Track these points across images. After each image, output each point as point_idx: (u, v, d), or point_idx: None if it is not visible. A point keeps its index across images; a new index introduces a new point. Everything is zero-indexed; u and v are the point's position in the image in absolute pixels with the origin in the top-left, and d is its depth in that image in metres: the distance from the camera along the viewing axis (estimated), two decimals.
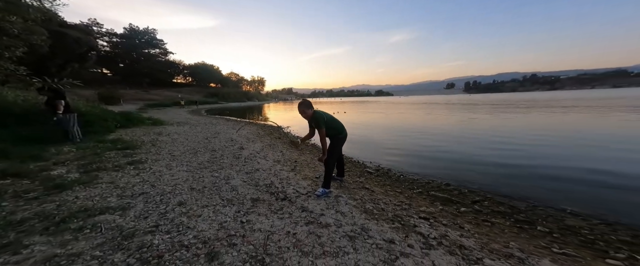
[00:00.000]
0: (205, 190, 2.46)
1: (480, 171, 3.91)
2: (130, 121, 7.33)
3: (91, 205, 1.99)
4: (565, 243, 1.91)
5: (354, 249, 1.51)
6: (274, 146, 5.32)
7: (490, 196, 2.91)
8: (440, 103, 31.93)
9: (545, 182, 3.36)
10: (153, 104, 23.67)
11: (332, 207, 2.13)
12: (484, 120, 11.11)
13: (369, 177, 3.59)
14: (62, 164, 3.05)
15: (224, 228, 1.71)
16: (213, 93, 46.93)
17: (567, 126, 8.38)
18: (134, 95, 28.09)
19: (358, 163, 4.49)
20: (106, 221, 1.73)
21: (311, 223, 1.83)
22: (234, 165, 3.45)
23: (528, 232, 2.10)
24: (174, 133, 6.48)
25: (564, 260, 1.64)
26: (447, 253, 1.54)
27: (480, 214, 2.43)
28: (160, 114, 14.11)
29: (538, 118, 11.19)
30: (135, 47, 44.80)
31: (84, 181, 2.50)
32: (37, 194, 2.14)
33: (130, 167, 3.14)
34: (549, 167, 4.01)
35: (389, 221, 1.97)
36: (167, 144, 4.89)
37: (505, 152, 5.17)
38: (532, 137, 6.69)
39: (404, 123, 11.33)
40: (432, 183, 3.43)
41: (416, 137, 7.32)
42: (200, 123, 9.31)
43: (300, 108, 2.39)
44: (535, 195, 2.89)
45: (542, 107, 17.92)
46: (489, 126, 9.20)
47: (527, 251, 1.69)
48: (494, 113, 14.53)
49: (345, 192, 2.56)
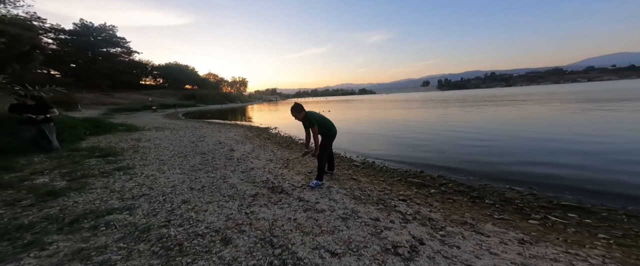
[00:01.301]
0: (205, 189, 2.66)
1: (448, 159, 4.69)
2: (100, 128, 6.92)
3: (95, 207, 2.10)
4: (503, 211, 2.47)
5: (347, 227, 1.85)
6: (265, 146, 5.54)
7: (453, 178, 3.59)
8: (418, 100, 34.85)
9: (495, 164, 4.22)
10: (119, 109, 21.83)
11: (326, 196, 2.49)
12: (455, 115, 12.53)
13: (356, 169, 4.04)
14: (42, 174, 2.97)
15: (231, 219, 1.95)
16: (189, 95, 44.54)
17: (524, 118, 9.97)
18: (93, 100, 25.50)
19: (346, 158, 4.94)
20: (118, 220, 1.89)
21: (309, 210, 2.15)
22: (228, 166, 3.64)
23: (479, 205, 2.64)
24: (155, 138, 6.31)
25: (500, 223, 2.16)
26: (420, 225, 1.95)
27: (445, 194, 2.99)
28: (132, 119, 13.21)
29: (500, 111, 12.99)
30: (91, 45, 40.49)
31: (76, 188, 2.53)
32: (32, 201, 2.16)
33: (120, 173, 3.17)
34: (499, 152, 4.98)
35: (374, 204, 2.38)
36: (151, 150, 4.83)
37: (470, 141, 6.14)
38: (494, 128, 7.93)
39: (387, 119, 12.27)
40: (409, 171, 4.02)
41: (397, 132, 8.13)
42: (181, 128, 9.03)
43: (293, 113, 2.74)
44: (487, 176, 3.68)
45: (504, 101, 20.53)
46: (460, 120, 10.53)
47: (476, 219, 2.18)
48: (464, 108, 16.32)
49: (336, 183, 2.95)
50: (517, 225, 2.14)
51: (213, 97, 46.98)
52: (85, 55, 40.19)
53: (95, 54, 41.44)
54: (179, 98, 39.64)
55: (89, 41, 40.08)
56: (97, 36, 41.43)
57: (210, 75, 68.91)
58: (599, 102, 14.11)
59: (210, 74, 69.31)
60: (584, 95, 22.61)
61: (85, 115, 12.18)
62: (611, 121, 7.94)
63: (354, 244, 1.61)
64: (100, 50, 42.35)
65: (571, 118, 8.91)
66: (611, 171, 3.62)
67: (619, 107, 11.14)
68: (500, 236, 1.84)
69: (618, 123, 7.53)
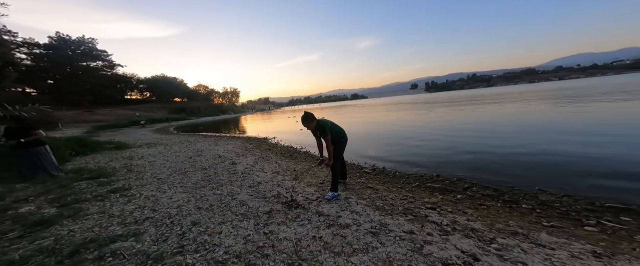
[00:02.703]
0: (214, 208, 2.51)
1: (460, 160, 4.70)
2: (85, 147, 6.58)
3: (95, 235, 1.93)
4: (549, 217, 2.27)
5: (381, 243, 1.71)
6: (268, 158, 5.42)
7: (475, 181, 3.49)
8: (409, 102, 35.92)
9: (512, 164, 4.20)
10: (104, 126, 21.03)
11: (346, 208, 2.40)
12: (451, 115, 12.95)
13: (368, 176, 3.99)
14: (26, 201, 2.73)
15: (250, 241, 1.82)
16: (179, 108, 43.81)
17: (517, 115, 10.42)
18: (74, 117, 24.47)
19: (354, 165, 4.89)
20: (124, 248, 1.73)
21: (332, 225, 2.04)
22: (234, 181, 3.50)
23: (517, 210, 2.48)
24: (148, 155, 6.05)
25: (555, 231, 1.99)
26: (464, 237, 1.79)
27: (474, 199, 2.88)
28: (120, 136, 12.71)
29: (493, 109, 13.62)
30: (69, 59, 39.40)
31: (69, 214, 2.33)
32: (20, 233, 1.96)
33: (116, 195, 2.97)
34: (512, 150, 4.99)
35: (402, 214, 2.27)
36: (147, 168, 4.60)
37: (475, 140, 6.25)
38: (493, 125, 8.22)
39: (385, 123, 12.48)
40: (425, 176, 3.97)
41: (399, 135, 8.26)
42: (175, 143, 8.75)
43: (304, 123, 2.67)
44: (508, 176, 3.59)
45: (491, 100, 21.56)
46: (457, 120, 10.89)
47: (525, 227, 2.02)
48: (456, 108, 17.01)
49: (352, 193, 2.87)
50: (575, 234, 1.99)
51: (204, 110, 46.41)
52: (64, 70, 39.05)
53: (74, 69, 40.23)
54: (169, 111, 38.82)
55: (66, 55, 39.05)
56: (75, 50, 40.52)
57: (200, 86, 68.45)
58: (590, 96, 14.96)
59: (200, 86, 68.88)
60: (569, 91, 23.86)
61: (67, 134, 11.60)
62: (618, 113, 8.23)
63: (397, 263, 1.50)
64: (79, 64, 41.25)
65: (571, 114, 9.22)
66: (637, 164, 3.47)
67: (616, 99, 11.76)
68: (567, 249, 1.70)
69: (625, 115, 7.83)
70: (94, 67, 43.64)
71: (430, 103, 27.18)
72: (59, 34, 39.85)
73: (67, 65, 39.49)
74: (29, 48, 36.14)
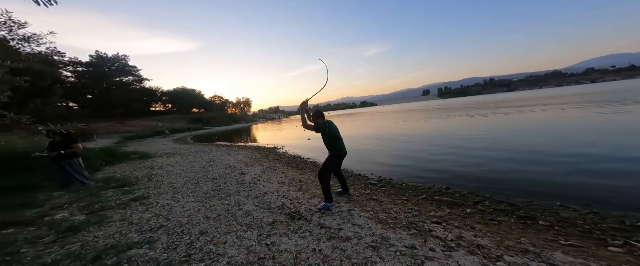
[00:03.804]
0: (221, 218, 2.63)
1: (472, 172, 4.43)
2: (114, 157, 7.21)
3: (115, 242, 2.11)
4: (568, 235, 2.12)
5: (381, 258, 1.70)
6: (275, 168, 5.55)
7: (488, 196, 3.28)
8: (421, 109, 34.57)
9: (530, 177, 3.87)
10: (131, 136, 22.86)
11: (348, 221, 2.39)
12: (467, 124, 12.25)
13: (374, 188, 3.92)
14: (61, 209, 3.06)
15: (252, 253, 1.89)
16: (197, 119, 46.46)
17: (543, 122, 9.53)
18: (108, 129, 26.96)
19: (360, 176, 4.83)
20: (139, 255, 1.88)
21: (333, 238, 2.04)
22: (241, 192, 3.63)
23: (532, 227, 2.33)
24: (167, 165, 6.48)
25: (573, 251, 1.84)
26: (469, 254, 1.71)
27: (485, 214, 2.72)
28: (144, 146, 13.75)
29: (515, 116, 12.56)
30: (105, 75, 43.71)
31: (95, 222, 2.57)
32: (54, 238, 2.21)
33: (136, 204, 3.22)
34: (531, 163, 4.61)
35: (405, 228, 2.22)
36: (164, 177, 4.93)
37: (492, 150, 5.84)
38: (513, 135, 7.58)
39: (394, 131, 12.17)
40: (433, 188, 3.82)
41: (408, 144, 8.00)
42: (191, 153, 9.27)
43: (314, 118, 2.79)
44: (527, 191, 3.31)
45: (513, 106, 20.01)
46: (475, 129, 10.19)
47: (539, 245, 1.89)
48: (472, 115, 16.08)
49: (356, 206, 2.85)
50: (596, 254, 1.82)
51: (219, 120, 48.77)
52: (101, 85, 43.29)
53: (109, 84, 44.41)
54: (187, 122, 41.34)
55: (103, 72, 43.33)
56: (111, 66, 44.76)
57: (215, 97, 72.49)
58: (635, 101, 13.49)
59: (216, 97, 72.96)
60: (606, 96, 21.61)
61: (100, 145, 12.79)
62: None
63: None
64: (114, 79, 45.50)
65: (610, 122, 8.14)
66: None
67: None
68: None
69: None
70: (126, 82, 48.00)
71: (444, 110, 26.26)
72: (98, 52, 44.71)
73: (104, 81, 43.82)
74: (74, 66, 40.88)
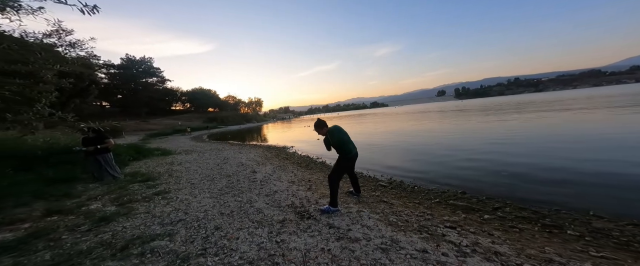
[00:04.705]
0: (234, 214, 2.74)
1: (492, 177, 4.15)
2: (140, 153, 7.76)
3: (140, 233, 2.29)
4: (600, 246, 1.96)
5: (390, 260, 1.67)
6: (285, 167, 5.65)
7: (510, 202, 3.06)
8: (435, 110, 32.87)
9: (560, 184, 3.54)
10: (154, 134, 24.48)
11: (357, 222, 2.38)
12: (483, 124, 11.58)
13: (384, 190, 3.86)
14: (96, 199, 3.37)
15: (263, 249, 1.94)
16: (212, 118, 48.53)
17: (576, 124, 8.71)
18: (134, 126, 29.10)
19: (370, 178, 4.77)
20: (160, 247, 2.02)
21: (341, 238, 2.04)
22: (253, 189, 3.75)
23: (559, 237, 2.17)
24: (185, 162, 6.86)
25: (605, 263, 1.70)
26: (485, 260, 1.63)
27: (505, 220, 2.56)
28: (165, 143, 14.64)
29: (544, 118, 11.46)
30: (133, 76, 46.82)
31: (124, 213, 2.81)
32: (88, 227, 2.44)
33: (159, 197, 3.46)
34: (561, 169, 4.20)
35: (416, 232, 2.16)
36: (183, 173, 5.23)
37: (515, 154, 5.41)
38: (541, 138, 6.96)
39: (407, 133, 11.76)
40: (447, 192, 3.66)
41: (420, 147, 7.68)
42: (206, 150, 9.72)
43: (316, 129, 2.78)
44: (554, 199, 3.05)
45: (542, 107, 18.40)
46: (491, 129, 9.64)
47: (565, 255, 1.76)
48: (493, 116, 15.06)
49: (365, 207, 2.83)
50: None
51: (232, 119, 50.58)
52: (129, 86, 46.79)
53: (136, 85, 47.76)
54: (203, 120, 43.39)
55: (131, 73, 46.65)
56: (138, 68, 47.96)
57: (229, 97, 75.09)
58: None
59: (230, 97, 75.56)
60: None
61: (128, 141, 13.87)
62: None
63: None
64: (140, 80, 48.76)
65: None
66: None
67: None
68: None
69: None
70: (150, 82, 51.37)
71: (461, 112, 24.90)
72: (128, 55, 48.14)
73: (132, 82, 47.28)
74: (107, 69, 44.60)
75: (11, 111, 3.94)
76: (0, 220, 2.55)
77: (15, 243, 2.08)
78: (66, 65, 5.06)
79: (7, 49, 3.86)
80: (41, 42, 5.10)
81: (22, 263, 1.80)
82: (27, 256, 1.89)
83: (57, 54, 5.30)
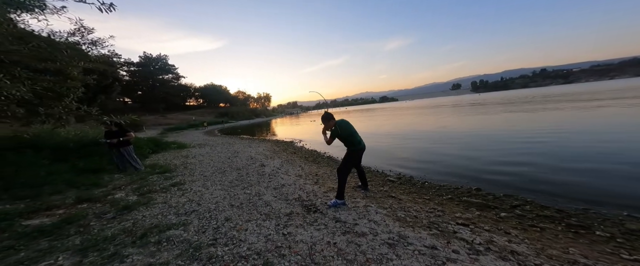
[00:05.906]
0: (243, 206, 2.82)
1: (511, 174, 3.88)
2: (159, 146, 8.18)
3: (157, 222, 2.43)
4: (634, 249, 1.79)
5: (397, 255, 1.63)
6: (293, 161, 5.70)
7: (530, 199, 2.86)
8: (449, 104, 31.14)
9: (588, 183, 3.23)
10: (171, 128, 25.72)
11: (364, 217, 2.36)
12: (501, 119, 10.87)
13: (392, 185, 3.79)
14: (120, 189, 3.62)
15: (270, 241, 1.98)
16: (223, 113, 49.89)
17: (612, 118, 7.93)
18: (153, 121, 30.66)
19: (378, 173, 4.69)
20: (175, 236, 2.13)
21: (348, 233, 2.04)
22: (261, 182, 3.83)
23: (586, 237, 2.02)
24: (199, 155, 7.14)
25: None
26: (499, 259, 1.54)
27: (524, 219, 2.40)
28: (180, 137, 15.32)
29: (576, 112, 10.54)
30: (151, 73, 48.82)
31: (144, 202, 2.99)
32: (113, 214, 2.63)
33: (175, 188, 3.64)
34: (595, 165, 3.84)
35: (426, 228, 2.09)
36: (197, 166, 5.45)
37: (538, 149, 5.01)
38: (569, 132, 6.42)
39: (417, 128, 11.36)
40: (461, 188, 3.50)
41: (430, 142, 7.38)
42: (218, 144, 10.05)
43: (323, 121, 2.73)
44: (582, 198, 2.81)
45: (575, 100, 16.98)
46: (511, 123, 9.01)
47: (592, 257, 1.64)
48: (514, 110, 14.07)
49: (373, 202, 2.79)
50: None
51: (242, 114, 51.77)
52: (148, 82, 49.02)
53: (154, 81, 49.94)
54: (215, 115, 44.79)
55: (149, 70, 48.68)
56: (155, 65, 49.89)
57: (239, 92, 76.38)
58: None
59: (240, 92, 76.86)
60: None
61: (148, 135, 14.65)
62: None
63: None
64: (157, 77, 50.86)
65: None
66: None
67: None
68: None
69: None
70: (166, 79, 53.36)
71: (478, 106, 23.35)
72: (146, 53, 50.18)
73: (150, 78, 49.43)
74: (128, 66, 46.82)
75: (43, 106, 4.25)
76: (39, 206, 2.80)
77: (51, 228, 2.29)
78: (90, 62, 5.34)
79: (37, 48, 4.11)
80: (66, 40, 5.39)
81: (56, 247, 1.97)
82: (61, 240, 2.08)
83: (81, 51, 5.61)
